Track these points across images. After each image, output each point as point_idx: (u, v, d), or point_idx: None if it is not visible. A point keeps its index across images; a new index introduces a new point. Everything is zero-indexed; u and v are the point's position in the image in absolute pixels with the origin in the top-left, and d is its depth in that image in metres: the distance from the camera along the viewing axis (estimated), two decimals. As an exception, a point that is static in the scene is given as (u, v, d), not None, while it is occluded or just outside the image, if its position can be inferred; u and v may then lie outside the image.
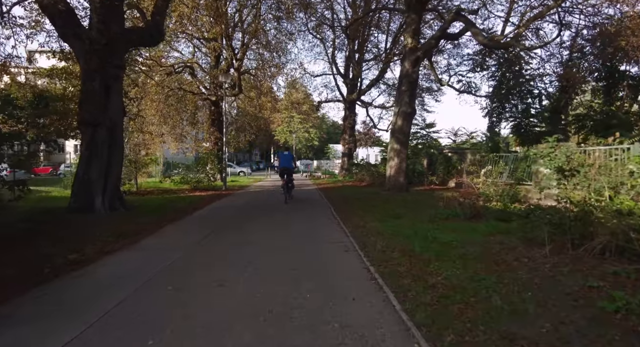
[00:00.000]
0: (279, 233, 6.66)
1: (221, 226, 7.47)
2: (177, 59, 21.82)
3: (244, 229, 7.13)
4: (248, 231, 6.92)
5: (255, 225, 7.51)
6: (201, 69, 21.43)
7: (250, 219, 8.25)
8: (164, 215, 8.85)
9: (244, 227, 7.37)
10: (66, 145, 29.43)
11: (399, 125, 13.21)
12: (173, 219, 8.38)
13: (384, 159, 25.75)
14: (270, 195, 14.88)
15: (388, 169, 13.47)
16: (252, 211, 9.82)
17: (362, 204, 10.38)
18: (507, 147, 22.10)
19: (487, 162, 12.68)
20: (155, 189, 16.16)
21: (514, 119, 21.33)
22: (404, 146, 13.30)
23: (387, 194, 12.70)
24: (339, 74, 27.07)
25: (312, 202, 11.67)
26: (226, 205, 11.15)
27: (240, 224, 7.76)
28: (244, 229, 7.13)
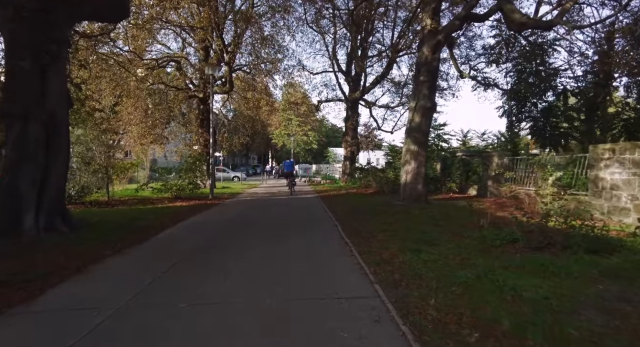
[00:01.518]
0: (267, 277, 4.45)
1: (185, 260, 5.26)
2: (162, 53, 19.75)
3: (214, 267, 4.93)
4: (220, 271, 4.72)
5: (234, 259, 5.30)
6: (189, 63, 19.31)
7: (228, 249, 6.03)
8: (119, 237, 6.66)
9: (216, 262, 5.16)
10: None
11: (416, 123, 11.08)
12: (128, 243, 6.19)
13: (388, 163, 23.62)
14: (263, 206, 12.67)
15: (403, 175, 11.32)
16: (235, 231, 7.60)
17: (378, 221, 8.20)
18: (527, 149, 20.00)
19: (527, 166, 10.48)
20: (130, 199, 13.95)
21: (532, 119, 19.25)
22: (423, 148, 11.16)
23: (403, 206, 10.53)
24: (340, 71, 24.99)
25: (314, 218, 9.46)
26: (205, 221, 8.94)
27: (212, 256, 5.54)
28: (215, 267, 4.93)
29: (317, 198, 14.94)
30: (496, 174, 12.66)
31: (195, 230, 7.62)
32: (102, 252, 5.51)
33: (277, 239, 6.61)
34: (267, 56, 20.78)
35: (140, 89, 15.48)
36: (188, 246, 6.10)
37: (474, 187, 14.35)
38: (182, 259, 5.25)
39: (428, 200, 11.24)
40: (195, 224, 8.32)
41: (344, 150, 25.59)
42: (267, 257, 5.35)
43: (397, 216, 8.72)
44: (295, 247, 5.92)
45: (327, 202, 13.07)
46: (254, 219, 9.16)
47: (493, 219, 7.25)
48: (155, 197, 14.46)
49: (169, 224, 8.28)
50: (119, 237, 6.72)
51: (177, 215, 9.72)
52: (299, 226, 8.05)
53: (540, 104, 19.41)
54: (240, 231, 7.52)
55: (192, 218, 9.29)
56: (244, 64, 22.32)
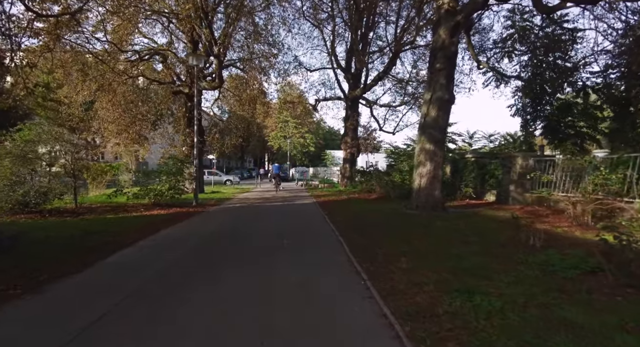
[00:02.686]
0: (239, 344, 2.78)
1: (125, 307, 3.57)
2: (147, 46, 18.07)
3: (164, 320, 3.26)
4: (170, 328, 3.05)
5: (198, 305, 3.61)
6: (175, 57, 17.64)
7: (192, 284, 4.33)
8: (55, 261, 4.99)
9: (169, 312, 3.47)
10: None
11: (432, 118, 9.49)
12: (59, 273, 4.50)
13: (390, 165, 22.04)
14: (253, 215, 10.98)
15: (417, 179, 9.70)
16: (209, 254, 5.86)
17: (393, 236, 6.55)
18: (541, 150, 18.47)
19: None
20: (103, 206, 12.21)
21: (546, 118, 17.76)
22: (440, 147, 9.57)
23: (417, 215, 8.91)
24: (339, 67, 23.44)
25: (312, 231, 7.76)
26: (179, 236, 7.23)
27: (168, 298, 3.84)
28: (165, 320, 3.25)
29: (315, 205, 13.27)
30: (520, 178, 11.09)
31: (159, 251, 5.91)
32: (6, 291, 3.81)
33: (263, 266, 4.92)
34: (261, 52, 19.20)
35: (117, 83, 13.79)
36: (140, 279, 4.40)
37: (492, 192, 12.76)
38: (121, 303, 3.56)
39: (446, 208, 9.62)
40: (162, 242, 6.61)
41: (343, 152, 23.99)
42: (247, 299, 3.67)
43: (416, 230, 7.08)
44: (287, 281, 4.24)
45: (326, 209, 11.41)
46: (238, 233, 7.46)
47: (534, 233, 5.63)
48: (132, 203, 12.74)
49: (131, 240, 6.59)
50: (55, 261, 5.04)
51: (147, 227, 8.01)
52: (294, 244, 6.37)
53: (556, 102, 17.98)
54: (216, 253, 5.81)
55: (164, 232, 7.58)
56: (236, 60, 20.71)
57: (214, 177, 27.26)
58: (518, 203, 10.95)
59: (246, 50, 19.38)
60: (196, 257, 5.51)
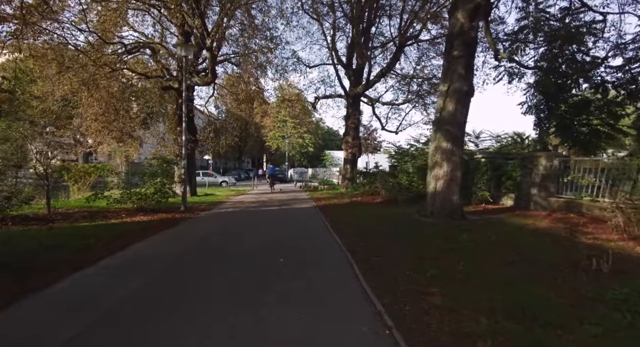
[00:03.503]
0: None
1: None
2: (135, 39, 16.86)
3: None
4: None
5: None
6: (165, 49, 16.44)
7: (146, 341, 3.14)
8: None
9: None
10: None
11: (449, 112, 8.33)
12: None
13: (393, 166, 20.86)
14: (245, 222, 9.79)
15: (432, 182, 8.54)
16: (186, 281, 4.63)
17: (412, 253, 5.38)
18: (555, 150, 17.34)
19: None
20: (80, 211, 10.99)
21: (559, 116, 16.65)
22: (458, 145, 8.42)
23: (434, 224, 7.75)
24: (340, 63, 22.29)
25: (313, 244, 6.53)
26: (152, 253, 6.00)
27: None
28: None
29: (316, 209, 12.08)
30: (543, 180, 9.95)
31: (120, 276, 4.71)
32: None
33: (250, 304, 3.72)
34: (258, 47, 18.03)
35: (99, 76, 12.57)
36: (75, 326, 3.21)
37: (509, 196, 11.61)
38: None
39: (464, 215, 8.46)
40: (128, 262, 5.39)
41: (344, 152, 22.83)
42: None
43: (438, 243, 5.91)
44: (280, 335, 3.05)
45: (328, 215, 10.23)
46: (224, 249, 6.23)
47: (589, 251, 4.49)
48: (114, 208, 11.54)
49: (92, 259, 5.39)
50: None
51: (118, 240, 6.82)
52: (291, 263, 5.18)
53: (572, 99, 16.90)
54: (192, 280, 4.59)
55: (137, 246, 6.38)
56: (231, 54, 19.56)
57: (208, 179, 26.04)
58: (541, 208, 9.81)
59: (241, 44, 18.24)
60: (163, 287, 4.29)
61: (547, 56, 16.16)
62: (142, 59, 18.41)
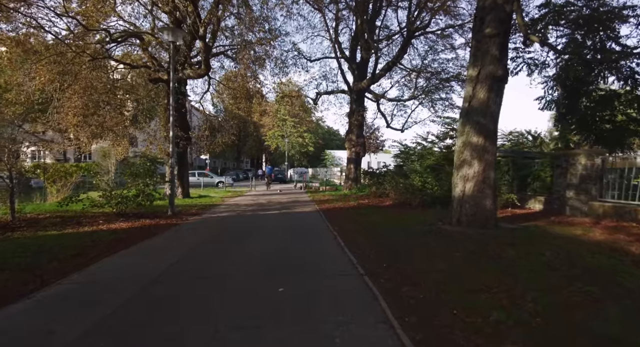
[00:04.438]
0: None
1: None
2: (124, 28, 15.51)
3: None
4: None
5: None
6: (155, 39, 15.09)
7: None
8: None
9: None
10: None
11: (480, 101, 7.01)
12: None
13: (399, 166, 19.52)
14: (238, 232, 8.44)
15: (459, 183, 7.21)
16: (144, 329, 3.33)
17: (460, 282, 4.04)
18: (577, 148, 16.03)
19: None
20: (53, 216, 9.67)
21: (580, 111, 15.33)
22: (492, 140, 7.10)
23: (467, 235, 6.42)
24: (343, 57, 20.95)
25: (322, 271, 5.06)
26: (112, 279, 4.65)
27: None
28: None
29: (320, 214, 10.74)
30: (582, 182, 8.63)
31: (59, 314, 3.38)
32: None
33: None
34: (257, 38, 16.68)
35: (77, 64, 11.21)
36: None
37: (538, 199, 10.30)
38: None
39: (498, 224, 7.14)
40: (73, 294, 4.03)
41: (348, 151, 21.49)
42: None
43: (481, 264, 4.58)
44: None
45: (335, 221, 8.89)
46: (206, 271, 4.85)
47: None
48: (92, 213, 10.22)
49: (30, 287, 4.06)
50: None
51: (79, 257, 5.46)
52: (293, 295, 3.84)
53: (596, 93, 15.60)
54: (152, 331, 3.27)
55: (96, 266, 5.04)
56: (227, 45, 18.23)
57: (204, 179, 24.68)
58: (581, 214, 8.49)
59: (237, 34, 16.89)
60: (109, 337, 2.97)
61: (570, 47, 14.86)
62: (131, 52, 17.07)
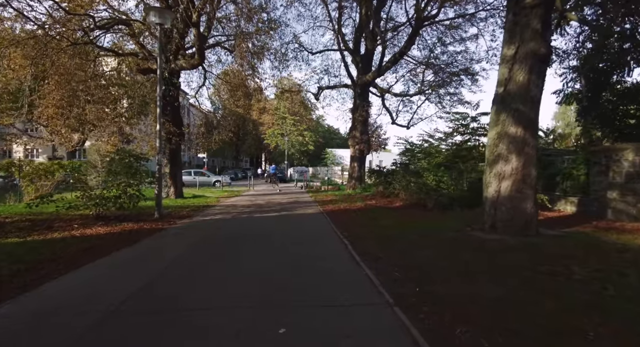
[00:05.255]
0: None
1: None
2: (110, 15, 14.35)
3: None
4: None
5: None
6: (143, 25, 13.95)
7: None
8: None
9: None
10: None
11: (519, 85, 5.90)
12: None
13: (405, 164, 18.40)
14: (233, 239, 7.31)
15: (492, 182, 6.10)
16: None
17: (532, 319, 2.90)
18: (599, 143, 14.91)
19: None
20: (22, 219, 8.55)
21: (601, 105, 14.24)
22: (532, 131, 5.99)
23: (504, 243, 5.31)
24: (347, 49, 19.83)
25: (334, 298, 4.01)
26: (54, 310, 3.57)
27: None
28: None
29: (324, 217, 9.62)
30: (629, 181, 7.52)
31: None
32: None
33: None
34: (255, 28, 15.54)
35: (54, 50, 10.07)
36: None
37: (570, 200, 9.18)
38: None
39: (539, 230, 6.02)
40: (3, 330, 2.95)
41: (351, 149, 20.36)
42: None
43: (561, 292, 3.45)
44: None
45: (343, 226, 7.77)
46: (184, 304, 3.81)
47: None
48: (69, 215, 9.10)
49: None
50: None
51: (28, 273, 4.36)
52: (299, 339, 2.74)
53: (621, 85, 14.56)
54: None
55: (41, 289, 3.91)
56: (222, 35, 17.10)
57: (199, 178, 23.51)
58: (627, 217, 7.38)
59: (235, 26, 15.76)
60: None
61: (593, 36, 13.76)
62: (121, 44, 15.91)
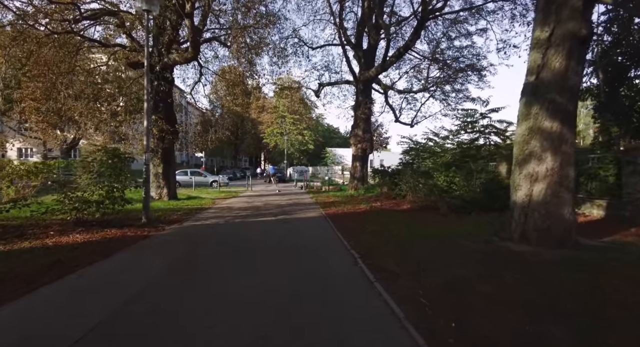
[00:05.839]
0: None
1: None
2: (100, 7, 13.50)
3: None
4: None
5: None
6: (132, 16, 13.11)
7: None
8: None
9: None
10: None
11: (555, 72, 5.08)
12: None
13: (408, 164, 17.59)
14: (223, 251, 6.50)
15: (522, 184, 5.28)
16: None
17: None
18: (617, 143, 14.11)
19: None
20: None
21: (618, 101, 13.42)
22: (571, 125, 5.18)
23: (546, 258, 4.49)
24: (348, 43, 18.99)
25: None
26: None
27: None
28: None
29: (327, 222, 8.79)
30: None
31: None
32: None
33: None
34: (254, 20, 14.71)
35: (32, 38, 9.22)
36: None
37: (597, 203, 8.37)
38: None
39: (580, 241, 5.21)
40: None
41: (353, 148, 19.53)
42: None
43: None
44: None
45: (350, 233, 6.96)
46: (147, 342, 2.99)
47: None
48: (47, 221, 8.28)
49: None
50: None
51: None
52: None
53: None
54: None
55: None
56: (219, 28, 16.26)
57: (196, 178, 22.67)
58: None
59: (232, 19, 14.94)
60: None
61: (612, 28, 12.97)
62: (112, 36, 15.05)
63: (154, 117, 13.80)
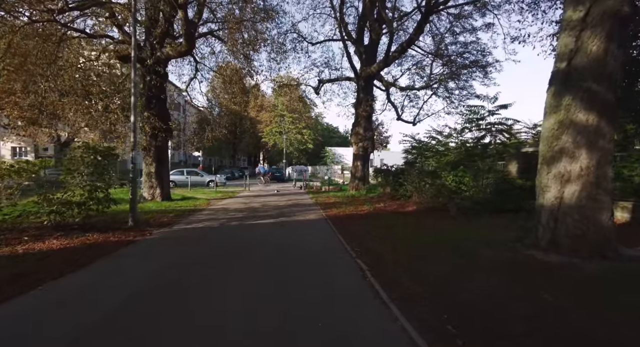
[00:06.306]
0: None
1: None
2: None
3: None
4: None
5: None
6: (124, 7, 12.43)
7: None
8: None
9: None
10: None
11: (591, 56, 4.45)
12: None
13: (410, 163, 16.98)
14: (213, 262, 5.85)
15: (552, 185, 4.66)
16: None
17: None
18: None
19: None
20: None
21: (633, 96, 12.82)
22: (609, 118, 4.54)
23: (590, 273, 3.86)
24: (349, 38, 18.35)
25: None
26: None
27: None
28: None
29: (329, 226, 8.16)
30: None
31: None
32: None
33: None
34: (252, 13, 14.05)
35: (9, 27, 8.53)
36: None
37: (621, 205, 7.75)
38: None
39: (620, 250, 4.58)
40: None
41: (354, 147, 18.90)
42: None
43: None
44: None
45: (354, 238, 6.32)
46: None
47: None
48: (25, 224, 7.64)
49: None
50: None
51: None
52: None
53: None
54: None
55: None
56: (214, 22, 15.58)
57: (192, 178, 21.98)
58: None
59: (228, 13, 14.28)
60: None
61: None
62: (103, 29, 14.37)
63: (146, 114, 13.14)
